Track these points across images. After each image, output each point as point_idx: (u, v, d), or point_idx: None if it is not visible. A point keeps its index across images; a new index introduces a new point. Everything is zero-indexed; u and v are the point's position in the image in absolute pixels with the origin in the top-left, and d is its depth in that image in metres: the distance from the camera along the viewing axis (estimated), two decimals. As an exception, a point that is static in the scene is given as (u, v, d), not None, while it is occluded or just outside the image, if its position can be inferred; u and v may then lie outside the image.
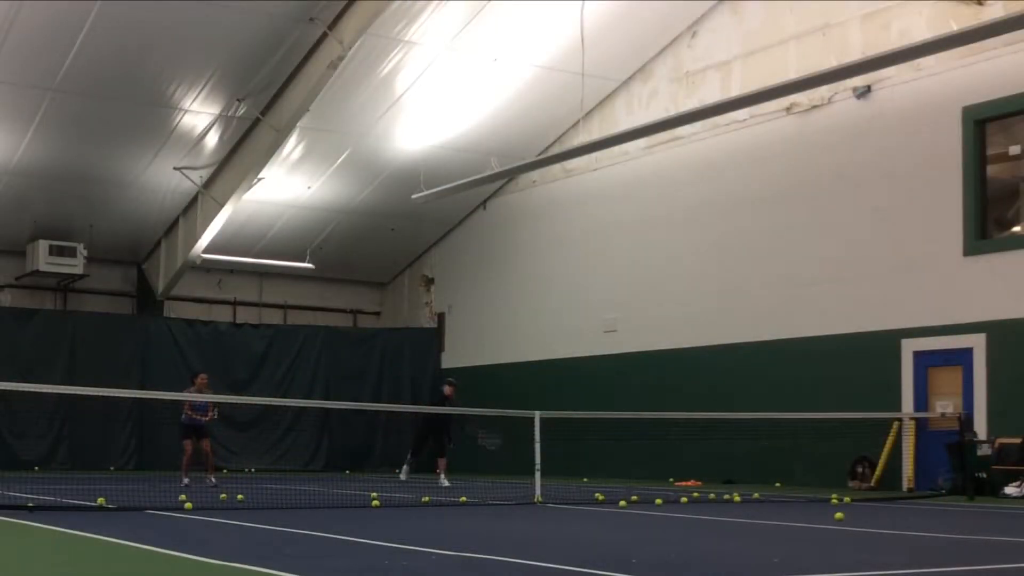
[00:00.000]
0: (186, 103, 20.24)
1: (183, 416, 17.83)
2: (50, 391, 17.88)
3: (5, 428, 22.96)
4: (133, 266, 25.40)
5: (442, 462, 19.41)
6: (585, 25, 19.14)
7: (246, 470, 23.99)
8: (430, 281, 27.31)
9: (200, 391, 17.74)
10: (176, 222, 23.80)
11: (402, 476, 19.20)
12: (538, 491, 13.96)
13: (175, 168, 21.98)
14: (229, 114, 20.70)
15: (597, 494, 15.07)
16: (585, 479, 20.59)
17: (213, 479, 17.51)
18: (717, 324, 20.43)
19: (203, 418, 17.77)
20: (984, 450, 16.30)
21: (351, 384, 25.45)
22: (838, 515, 11.42)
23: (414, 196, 22.24)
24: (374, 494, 14.24)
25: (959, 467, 16.29)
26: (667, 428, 18.96)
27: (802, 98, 18.87)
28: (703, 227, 20.78)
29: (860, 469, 18.00)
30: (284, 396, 24.67)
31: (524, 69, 21.14)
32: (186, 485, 16.87)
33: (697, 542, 9.20)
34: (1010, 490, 15.87)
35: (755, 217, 19.89)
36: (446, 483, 18.83)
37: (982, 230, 17.10)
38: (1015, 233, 17.30)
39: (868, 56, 15.97)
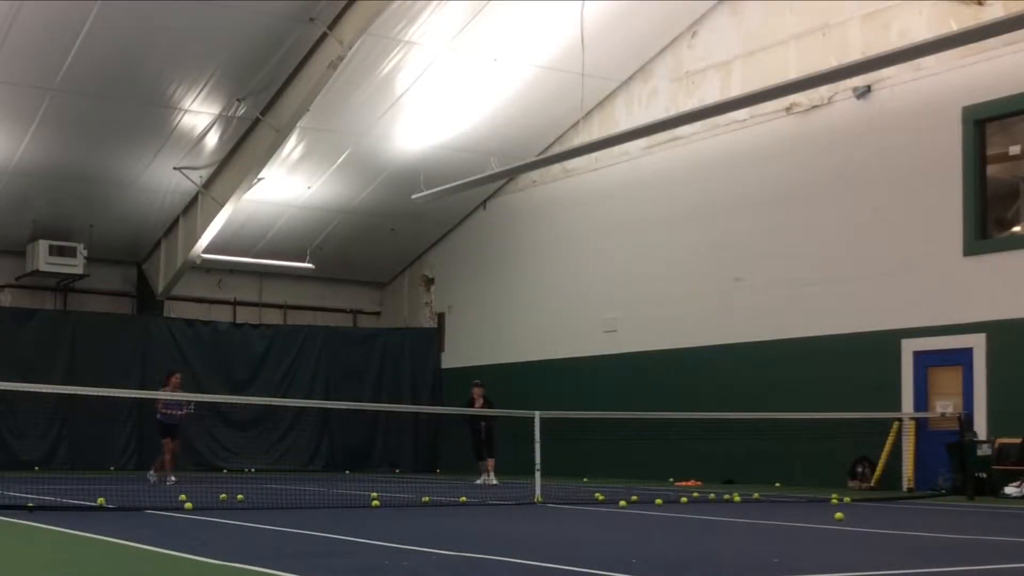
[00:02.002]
0: (186, 103, 20.24)
1: (159, 415, 18.33)
2: (50, 391, 17.90)
3: (5, 428, 22.97)
4: (133, 266, 25.40)
5: (490, 462, 19.78)
6: (585, 25, 19.14)
7: (246, 470, 23.99)
8: (430, 281, 27.32)
9: (174, 391, 18.22)
10: (176, 222, 23.80)
11: (480, 481, 19.46)
12: (538, 491, 13.96)
13: (175, 168, 21.98)
14: (229, 114, 20.71)
15: (597, 494, 15.07)
16: (585, 479, 20.59)
17: (173, 477, 17.99)
18: (717, 324, 20.43)
19: (178, 412, 18.24)
20: (984, 450, 16.30)
21: (351, 384, 25.45)
22: (838, 515, 11.42)
23: (414, 196, 22.24)
24: (374, 494, 14.24)
25: (959, 467, 16.29)
26: (667, 428, 18.96)
27: (802, 98, 18.87)
28: (703, 227, 20.78)
29: (860, 469, 18.00)
30: (284, 396, 24.66)
31: (524, 69, 21.15)
32: (153, 483, 17.41)
33: (697, 542, 9.20)
34: (1010, 490, 15.87)
35: (755, 217, 19.89)
36: (494, 481, 19.18)
37: (982, 230, 17.10)
38: (1015, 233, 17.30)
39: (868, 56, 15.96)
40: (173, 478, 17.88)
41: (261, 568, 6.60)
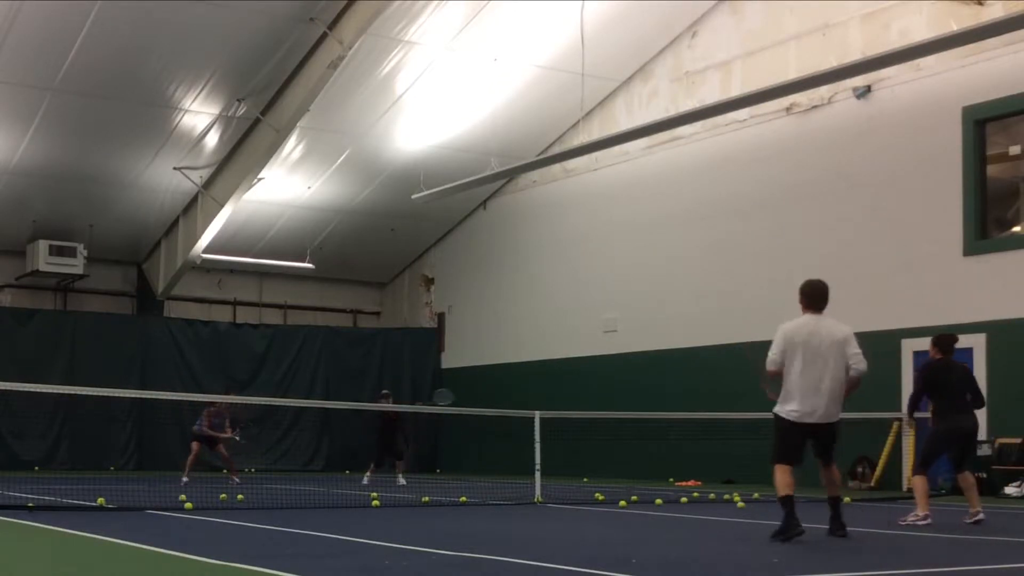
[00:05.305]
0: (186, 103, 20.24)
1: (197, 426, 18.97)
2: (50, 391, 17.91)
3: (5, 428, 22.94)
4: (133, 266, 25.39)
5: (400, 464, 20.18)
6: (585, 25, 19.13)
7: (246, 470, 23.95)
8: (430, 281, 27.32)
9: (219, 412, 18.75)
10: (176, 222, 23.79)
11: (365, 481, 19.74)
12: (538, 491, 13.96)
13: (175, 168, 21.97)
14: (229, 114, 20.70)
15: (597, 494, 15.07)
16: (585, 479, 20.59)
17: (185, 478, 18.16)
18: (717, 324, 20.41)
19: (216, 433, 18.95)
20: (984, 450, 16.29)
21: (351, 384, 25.43)
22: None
23: (414, 196, 22.25)
24: (374, 494, 14.25)
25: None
26: (667, 428, 18.95)
27: (802, 98, 18.87)
28: (703, 227, 20.77)
29: (860, 469, 18.01)
30: (284, 396, 24.65)
31: (524, 69, 21.15)
32: (186, 482, 17.57)
33: (697, 542, 9.21)
34: (1010, 490, 15.86)
35: (755, 217, 19.88)
36: (403, 481, 19.42)
37: (982, 230, 17.09)
38: (1015, 233, 17.30)
39: (868, 56, 15.98)
40: (186, 479, 18.04)
41: (261, 568, 6.60)
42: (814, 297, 9.58)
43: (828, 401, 9.27)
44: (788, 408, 9.46)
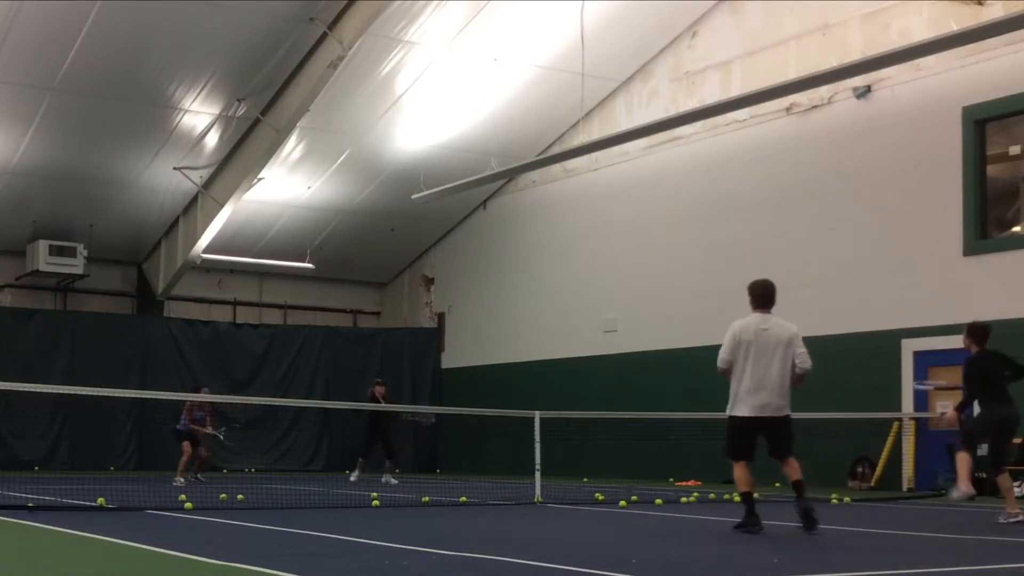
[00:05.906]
0: (186, 103, 20.24)
1: (182, 423, 18.89)
2: (50, 391, 17.93)
3: (5, 428, 22.94)
4: (133, 266, 25.39)
5: (392, 461, 20.10)
6: (585, 25, 19.13)
7: (246, 470, 23.99)
8: (430, 281, 27.32)
9: (201, 405, 18.66)
10: (176, 222, 23.80)
11: (353, 478, 19.72)
12: (538, 491, 13.96)
13: (175, 168, 21.97)
14: (229, 114, 20.70)
15: (597, 494, 15.07)
16: (585, 479, 20.59)
17: (180, 479, 18.12)
18: (717, 324, 20.24)
19: (199, 427, 18.89)
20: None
21: (351, 384, 25.41)
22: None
23: (414, 196, 22.25)
24: (374, 494, 14.25)
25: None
26: (667, 428, 18.95)
27: (802, 98, 18.87)
28: (703, 227, 20.77)
29: (860, 469, 18.01)
30: (284, 396, 24.66)
31: (524, 69, 21.15)
32: (180, 484, 17.48)
33: (697, 542, 9.21)
34: (1010, 490, 15.81)
35: (755, 217, 19.88)
36: (394, 481, 19.35)
37: (982, 230, 17.09)
38: (1015, 233, 17.29)
39: (868, 56, 15.97)
40: (180, 480, 17.98)
41: (261, 568, 6.60)
42: (762, 296, 10.07)
43: (777, 396, 10.00)
44: (739, 406, 10.12)
